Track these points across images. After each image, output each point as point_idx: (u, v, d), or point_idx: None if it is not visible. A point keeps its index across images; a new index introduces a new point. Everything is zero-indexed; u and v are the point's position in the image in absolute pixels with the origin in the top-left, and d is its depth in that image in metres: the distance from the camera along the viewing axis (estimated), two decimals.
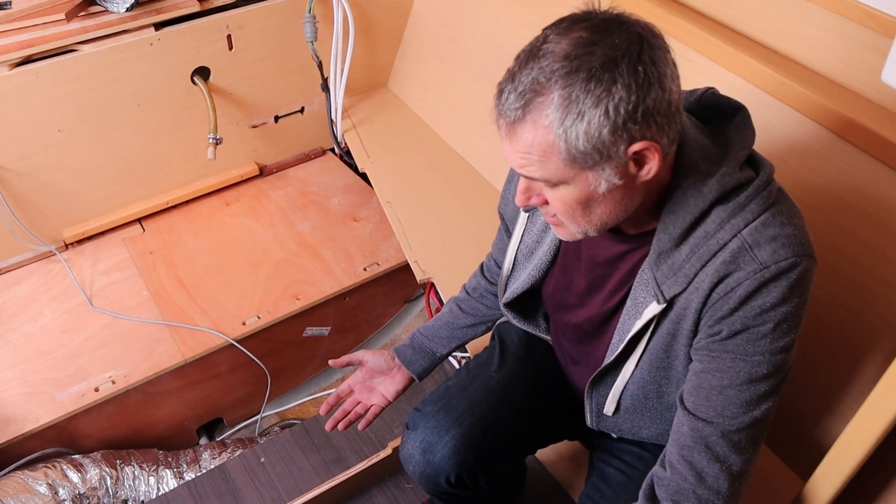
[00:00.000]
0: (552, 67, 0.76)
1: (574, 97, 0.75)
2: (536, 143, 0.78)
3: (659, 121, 0.78)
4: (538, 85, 0.77)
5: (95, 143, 1.84)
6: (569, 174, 0.80)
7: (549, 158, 0.79)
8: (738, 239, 0.84)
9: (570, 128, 0.76)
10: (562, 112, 0.76)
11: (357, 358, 1.29)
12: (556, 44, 0.77)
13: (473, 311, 1.28)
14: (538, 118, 0.77)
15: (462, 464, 1.08)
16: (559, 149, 0.78)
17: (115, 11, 1.73)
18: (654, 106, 0.77)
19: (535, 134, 0.78)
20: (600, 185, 0.81)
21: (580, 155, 0.78)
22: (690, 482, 0.90)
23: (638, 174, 0.81)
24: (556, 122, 0.76)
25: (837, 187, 1.17)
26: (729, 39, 1.33)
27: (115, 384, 1.66)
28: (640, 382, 0.99)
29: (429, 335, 1.29)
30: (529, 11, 1.75)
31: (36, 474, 1.56)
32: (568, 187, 0.82)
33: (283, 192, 2.15)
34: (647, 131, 0.78)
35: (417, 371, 1.27)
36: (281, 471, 1.61)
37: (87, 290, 1.86)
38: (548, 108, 0.76)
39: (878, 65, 1.18)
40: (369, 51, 2.12)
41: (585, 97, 0.75)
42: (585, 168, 0.79)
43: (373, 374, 1.28)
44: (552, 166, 0.80)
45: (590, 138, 0.77)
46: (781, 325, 0.84)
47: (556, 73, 0.76)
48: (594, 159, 0.78)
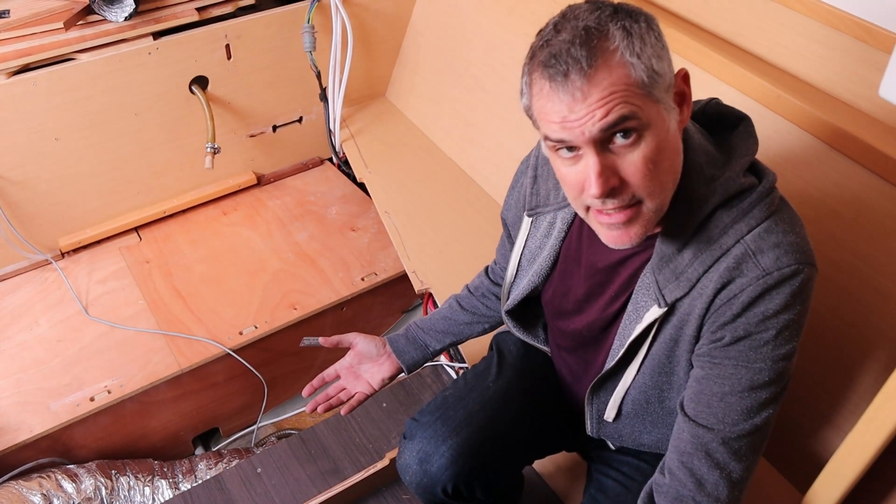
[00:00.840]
0: (593, 16, 0.79)
1: (629, 25, 0.79)
2: (616, 82, 0.78)
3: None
4: (595, 29, 0.78)
5: (93, 151, 1.84)
6: (650, 110, 0.80)
7: (631, 93, 0.78)
8: (742, 245, 0.84)
9: (641, 51, 0.78)
10: (627, 41, 0.78)
11: (348, 339, 1.28)
12: (578, 8, 0.81)
13: (473, 308, 1.28)
14: (608, 56, 0.78)
15: (459, 474, 1.08)
16: (637, 78, 0.78)
17: (114, 20, 1.74)
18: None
19: (612, 72, 0.78)
20: (671, 122, 0.82)
21: (657, 77, 0.79)
22: (690, 489, 0.90)
23: (681, 115, 0.84)
24: (626, 50, 0.78)
25: (832, 199, 1.18)
26: (725, 52, 1.34)
27: (110, 394, 1.65)
28: (641, 388, 0.99)
29: (424, 328, 1.28)
30: (526, 23, 1.77)
31: (30, 484, 1.55)
32: (650, 133, 0.80)
33: (281, 202, 2.15)
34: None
35: (408, 362, 1.26)
36: (277, 481, 1.60)
37: (82, 298, 1.85)
38: (613, 42, 0.78)
39: (871, 77, 1.19)
40: (368, 61, 2.12)
41: (637, 24, 0.79)
42: (659, 101, 0.80)
43: (361, 360, 1.27)
44: (636, 100, 0.79)
45: (658, 56, 0.79)
46: (783, 332, 0.85)
47: (601, 17, 0.79)
48: (665, 83, 0.81)
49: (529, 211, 1.06)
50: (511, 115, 1.82)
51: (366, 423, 1.71)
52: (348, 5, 1.95)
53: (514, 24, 1.80)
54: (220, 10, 1.87)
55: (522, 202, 1.08)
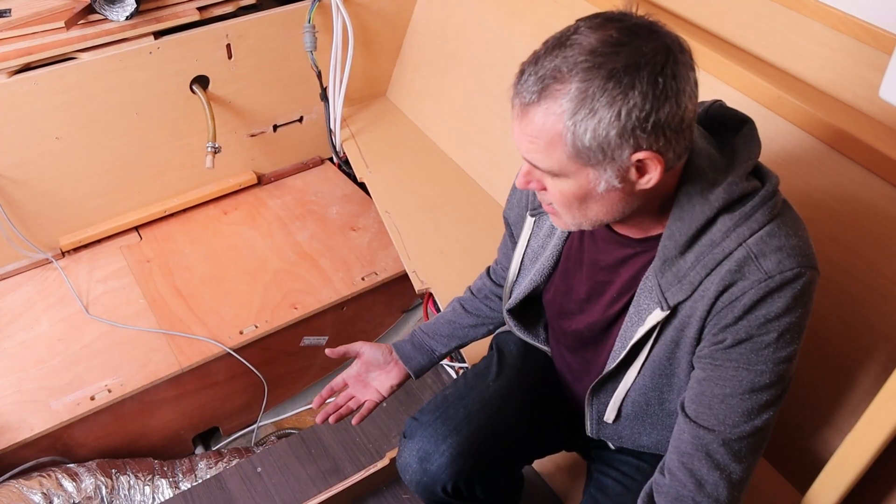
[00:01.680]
0: (576, 59, 0.77)
1: (590, 93, 0.76)
2: (545, 130, 0.79)
3: (668, 135, 0.79)
4: (559, 73, 0.77)
5: (93, 150, 1.84)
6: (571, 168, 0.81)
7: (554, 148, 0.80)
8: (744, 248, 0.84)
9: (580, 121, 0.77)
10: (575, 104, 0.77)
11: (354, 349, 1.27)
12: (585, 37, 0.78)
13: (476, 311, 1.28)
14: (551, 105, 0.78)
15: (459, 473, 1.08)
16: (565, 140, 0.79)
17: (115, 20, 1.74)
18: (665, 119, 0.78)
19: (546, 120, 0.79)
20: (599, 185, 0.82)
21: (584, 150, 0.79)
22: (690, 489, 0.90)
23: (637, 181, 0.82)
24: (567, 112, 0.77)
25: (833, 199, 1.18)
26: (727, 53, 1.34)
27: (111, 393, 1.65)
28: (641, 389, 0.99)
29: (429, 332, 1.28)
30: (527, 24, 1.77)
31: (31, 483, 1.55)
32: (568, 180, 0.83)
33: (282, 202, 2.15)
34: (654, 142, 0.79)
35: (415, 368, 1.26)
36: (277, 481, 1.60)
37: (83, 298, 1.85)
38: (563, 98, 0.77)
39: (873, 79, 1.19)
40: (368, 61, 2.13)
41: (601, 95, 0.76)
42: (587, 165, 0.80)
43: (369, 368, 1.27)
44: (555, 157, 0.81)
45: (596, 136, 0.78)
46: (785, 335, 0.85)
47: (579, 66, 0.77)
48: (597, 158, 0.79)
49: (533, 210, 1.06)
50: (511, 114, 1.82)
51: (366, 423, 1.71)
52: (349, 5, 1.95)
53: (514, 24, 1.80)
54: (221, 10, 1.87)
55: (525, 201, 1.09)
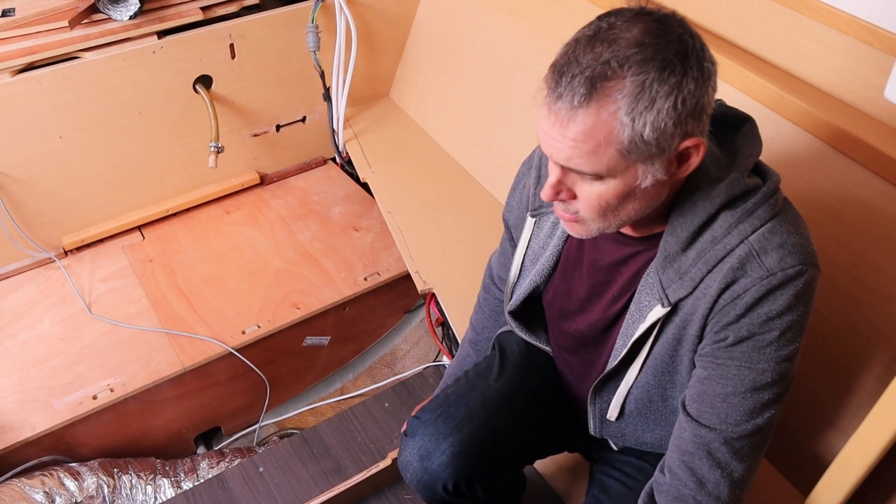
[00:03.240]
0: (626, 52, 0.74)
1: (648, 84, 0.74)
2: (596, 131, 0.76)
3: (704, 119, 0.79)
4: (610, 69, 0.74)
5: (96, 150, 1.85)
6: (620, 166, 0.79)
7: (605, 149, 0.77)
8: (746, 245, 0.84)
9: (638, 115, 0.75)
10: (632, 99, 0.74)
11: None
12: (626, 30, 0.76)
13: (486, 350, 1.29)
14: (605, 104, 0.75)
15: (459, 472, 1.08)
16: (621, 138, 0.76)
17: (119, 19, 1.74)
18: (706, 103, 0.78)
19: (598, 120, 0.75)
20: (646, 180, 0.80)
21: (641, 145, 0.76)
22: (691, 488, 0.90)
23: (677, 171, 0.82)
24: (624, 108, 0.75)
25: (835, 200, 1.18)
26: (730, 54, 1.34)
27: (113, 392, 1.65)
28: (644, 387, 0.99)
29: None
30: (529, 24, 1.77)
31: (33, 482, 1.55)
32: (612, 181, 0.80)
33: (284, 201, 2.16)
34: (696, 128, 0.79)
35: None
36: (279, 481, 1.60)
37: (85, 297, 1.86)
38: (618, 94, 0.74)
39: (876, 80, 1.19)
40: (371, 61, 2.13)
41: (659, 86, 0.74)
42: (639, 161, 0.78)
43: None
44: (605, 157, 0.78)
45: (656, 128, 0.76)
46: (787, 333, 0.85)
47: (631, 59, 0.74)
48: (651, 151, 0.77)
49: (533, 211, 1.06)
50: (514, 115, 1.82)
51: (368, 423, 1.71)
52: (352, 5, 1.95)
53: (516, 24, 1.80)
54: (225, 10, 1.87)
55: (525, 203, 1.08)
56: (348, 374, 2.07)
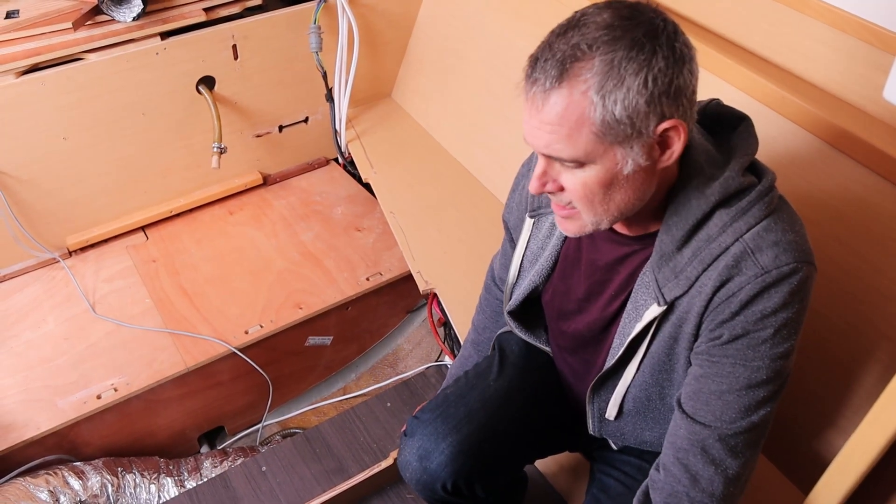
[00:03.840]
0: (595, 35, 0.76)
1: (616, 62, 0.75)
2: (570, 112, 0.77)
3: (684, 103, 0.79)
4: (579, 51, 0.76)
5: (100, 150, 1.86)
6: (598, 150, 0.79)
7: (579, 131, 0.78)
8: (741, 243, 0.85)
9: (608, 93, 0.76)
10: (602, 77, 0.76)
11: None
12: (597, 15, 0.78)
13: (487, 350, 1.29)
14: (575, 84, 0.76)
15: (458, 471, 1.08)
16: (593, 118, 0.77)
17: (122, 21, 1.75)
18: (683, 85, 0.78)
19: (570, 101, 0.77)
20: (626, 165, 0.81)
21: (614, 125, 0.77)
22: (684, 484, 0.91)
23: (660, 158, 0.82)
24: (594, 87, 0.76)
25: (836, 200, 1.18)
26: (730, 53, 1.34)
27: (116, 392, 1.66)
28: (642, 385, 0.99)
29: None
30: (531, 25, 1.77)
31: (37, 481, 1.56)
32: (593, 167, 0.81)
33: (287, 202, 2.16)
34: (675, 110, 0.79)
35: None
36: (282, 480, 1.61)
37: (89, 297, 1.86)
38: (587, 73, 0.76)
39: (877, 79, 1.19)
40: (373, 62, 2.13)
41: (627, 64, 0.75)
42: (615, 143, 0.79)
43: None
44: (582, 140, 0.78)
45: (626, 106, 0.76)
46: (781, 330, 0.85)
47: (599, 40, 0.76)
48: (625, 132, 0.78)
49: (532, 212, 1.06)
50: (516, 115, 1.82)
51: (370, 423, 1.71)
52: (354, 6, 1.95)
53: (519, 25, 1.81)
54: (228, 11, 1.88)
55: (525, 204, 1.09)
56: (351, 373, 2.08)
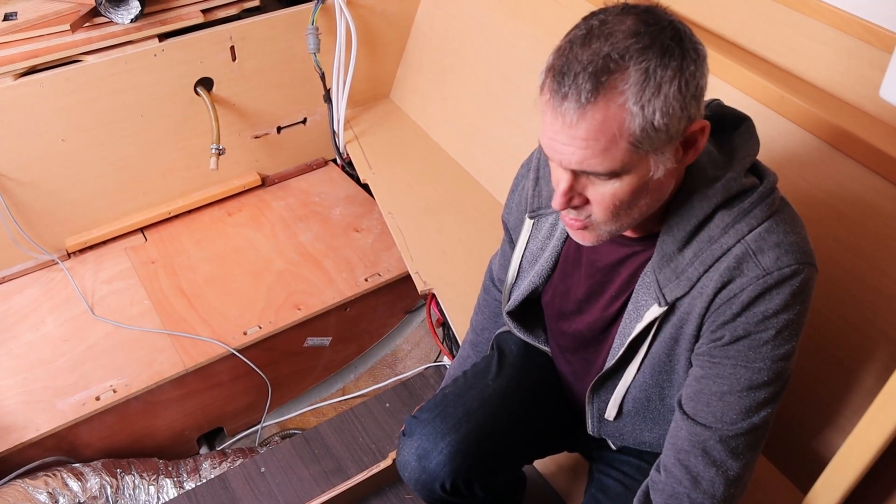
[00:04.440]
0: (625, 44, 0.74)
1: (651, 71, 0.74)
2: (607, 126, 0.75)
3: (703, 102, 0.80)
4: (612, 62, 0.74)
5: (98, 152, 1.85)
6: (632, 161, 0.78)
7: (616, 144, 0.76)
8: (742, 245, 0.85)
9: (647, 103, 0.74)
10: (639, 88, 0.74)
11: None
12: (620, 22, 0.76)
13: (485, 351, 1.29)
14: (613, 96, 0.74)
15: (457, 471, 1.08)
16: (632, 129, 0.75)
17: (120, 22, 1.75)
18: (704, 85, 0.79)
19: (607, 114, 0.75)
20: (658, 170, 0.80)
21: (653, 133, 0.76)
22: (685, 486, 0.91)
23: (685, 157, 0.82)
24: (632, 98, 0.74)
25: (835, 199, 1.18)
26: (729, 53, 1.34)
27: (115, 393, 1.66)
28: (642, 386, 0.99)
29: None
30: (530, 24, 1.77)
31: (36, 483, 1.56)
32: (627, 177, 0.79)
33: (285, 203, 2.16)
34: (698, 110, 0.79)
35: None
36: (281, 480, 1.61)
37: (88, 298, 1.86)
38: (623, 84, 0.74)
39: (876, 79, 1.18)
40: (372, 62, 2.13)
41: (662, 71, 0.74)
42: (650, 151, 0.78)
43: None
44: (619, 152, 0.77)
45: (665, 114, 0.75)
46: (783, 332, 0.85)
47: (631, 49, 0.74)
48: (662, 139, 0.77)
49: (531, 213, 1.06)
50: (515, 116, 1.83)
51: (369, 423, 1.71)
52: (352, 7, 1.95)
53: (517, 25, 1.81)
54: (226, 12, 1.88)
55: (524, 204, 1.09)
56: (350, 374, 2.07)
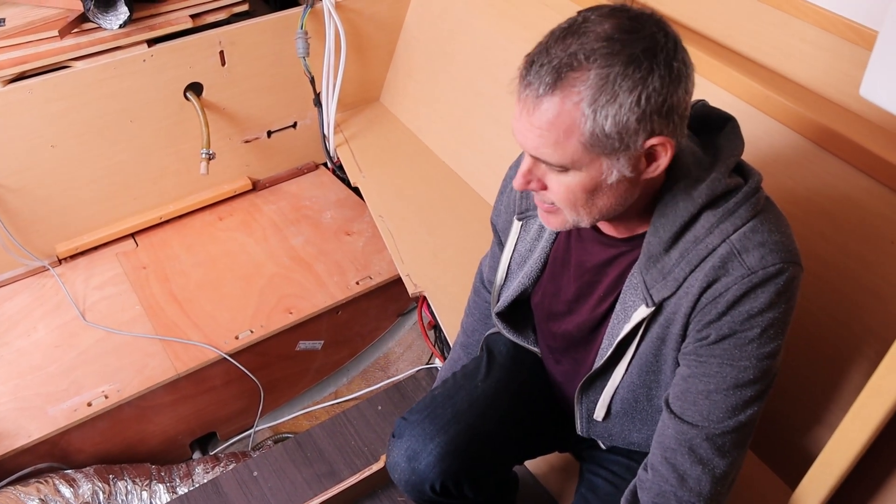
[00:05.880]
0: (593, 46, 0.76)
1: (611, 78, 0.75)
2: (560, 121, 0.77)
3: (676, 120, 0.80)
4: (576, 61, 0.76)
5: (89, 158, 1.85)
6: (584, 159, 0.79)
7: (568, 139, 0.78)
8: (727, 244, 0.85)
9: (600, 108, 0.76)
10: (595, 91, 0.76)
11: None
12: (598, 24, 0.77)
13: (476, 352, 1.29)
14: (569, 93, 0.76)
15: (447, 472, 1.08)
16: (582, 129, 0.77)
17: (109, 28, 1.75)
18: (676, 104, 0.79)
19: (562, 109, 0.77)
20: (611, 175, 0.81)
21: (603, 138, 0.77)
22: (672, 484, 0.91)
23: (646, 170, 0.83)
24: (587, 99, 0.76)
25: (822, 198, 1.19)
26: (715, 53, 1.35)
27: (107, 399, 1.66)
28: (630, 387, 1.00)
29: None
30: (519, 27, 1.78)
31: (28, 489, 1.56)
32: (578, 174, 0.81)
33: (276, 207, 2.16)
34: (665, 127, 0.79)
35: None
36: (274, 485, 1.61)
37: (80, 304, 1.86)
38: (581, 85, 0.76)
39: (860, 77, 1.17)
40: (361, 66, 2.13)
41: (622, 80, 0.75)
42: (602, 154, 0.79)
43: None
44: (570, 148, 0.79)
45: (617, 123, 0.77)
46: (768, 330, 0.85)
47: (597, 52, 0.76)
48: (613, 146, 0.78)
49: (519, 215, 1.07)
50: (505, 117, 1.83)
51: (361, 426, 1.71)
52: (341, 11, 1.96)
53: (505, 27, 1.81)
54: (214, 17, 1.88)
55: (513, 206, 1.09)
56: (342, 377, 2.07)
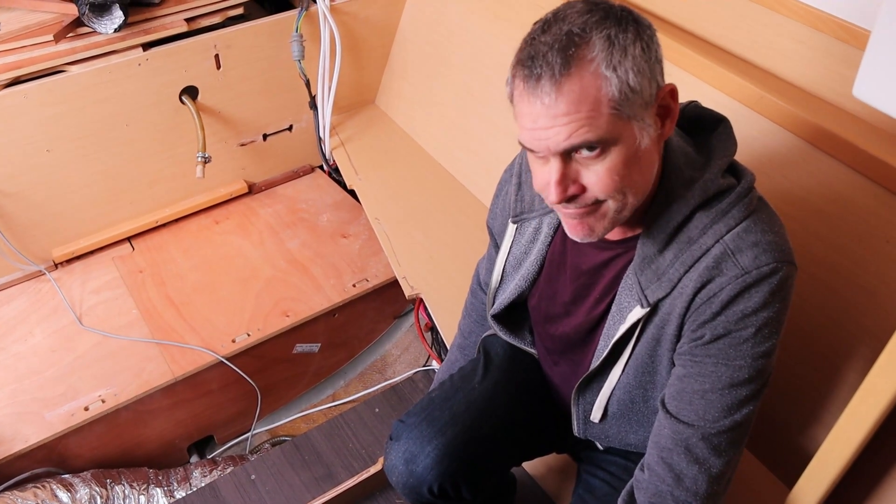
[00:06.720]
0: (581, 20, 0.79)
1: (614, 36, 0.78)
2: (586, 94, 0.77)
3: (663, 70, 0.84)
4: (575, 36, 0.78)
5: (84, 162, 1.85)
6: (619, 127, 0.79)
7: (598, 110, 0.78)
8: (721, 244, 0.85)
9: (618, 65, 0.77)
10: (606, 53, 0.77)
11: None
12: (570, 8, 0.81)
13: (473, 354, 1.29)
14: (584, 65, 0.77)
15: (444, 474, 1.08)
16: (610, 93, 0.78)
17: (104, 32, 1.74)
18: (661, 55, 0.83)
19: (584, 83, 0.77)
20: (643, 139, 0.82)
21: (630, 95, 0.78)
22: (669, 484, 0.91)
23: (662, 130, 0.84)
24: (602, 62, 0.77)
25: (816, 197, 1.19)
26: (708, 54, 1.35)
27: (105, 403, 1.66)
28: (626, 388, 1.00)
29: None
30: (513, 29, 1.78)
31: (25, 495, 1.56)
32: (616, 149, 0.81)
33: (272, 210, 2.16)
34: (662, 77, 0.83)
35: None
36: (271, 488, 1.61)
37: (76, 309, 1.86)
38: (592, 52, 0.77)
39: (851, 76, 1.18)
40: (357, 68, 2.14)
41: (623, 35, 0.78)
42: (631, 118, 0.80)
43: None
44: (603, 120, 0.78)
45: (637, 72, 0.78)
46: (763, 329, 0.86)
47: (588, 23, 0.78)
48: (639, 102, 0.79)
49: (515, 217, 1.07)
50: (500, 119, 1.83)
51: (359, 429, 1.71)
52: (336, 14, 1.96)
53: (500, 29, 1.82)
54: (210, 21, 1.88)
55: (507, 209, 1.09)
56: (339, 380, 2.07)
